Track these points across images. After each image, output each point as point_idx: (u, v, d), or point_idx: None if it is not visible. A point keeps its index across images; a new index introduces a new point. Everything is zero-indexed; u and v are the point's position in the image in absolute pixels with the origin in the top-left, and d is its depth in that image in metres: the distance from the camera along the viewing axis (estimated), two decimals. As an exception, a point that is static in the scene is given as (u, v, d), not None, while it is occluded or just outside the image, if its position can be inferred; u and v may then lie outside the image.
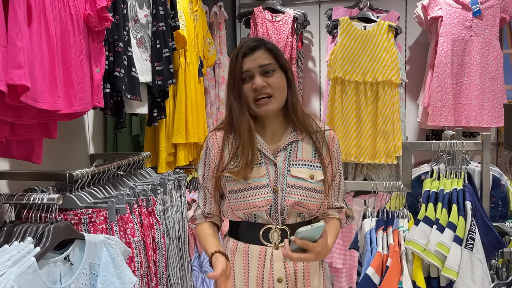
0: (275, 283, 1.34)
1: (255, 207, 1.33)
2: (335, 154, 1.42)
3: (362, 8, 3.02)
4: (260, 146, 1.37)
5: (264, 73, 1.31)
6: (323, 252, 1.23)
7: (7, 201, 1.32)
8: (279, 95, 1.33)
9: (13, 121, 1.24)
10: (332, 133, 1.43)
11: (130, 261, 1.54)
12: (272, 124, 1.39)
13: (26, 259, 1.10)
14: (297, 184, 1.34)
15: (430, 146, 1.86)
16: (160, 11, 2.07)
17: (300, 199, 1.33)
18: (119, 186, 1.79)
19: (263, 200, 1.33)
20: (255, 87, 1.30)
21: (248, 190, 1.33)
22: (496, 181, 2.14)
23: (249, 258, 1.37)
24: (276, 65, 1.33)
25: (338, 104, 2.88)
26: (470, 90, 2.81)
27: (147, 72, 2.04)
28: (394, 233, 1.69)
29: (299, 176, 1.34)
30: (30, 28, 1.19)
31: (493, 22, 2.80)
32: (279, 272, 1.34)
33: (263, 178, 1.34)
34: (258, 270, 1.35)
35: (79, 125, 2.12)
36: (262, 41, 1.35)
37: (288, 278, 1.34)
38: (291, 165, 1.35)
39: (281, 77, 1.34)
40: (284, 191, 1.33)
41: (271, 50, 1.34)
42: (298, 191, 1.33)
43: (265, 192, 1.33)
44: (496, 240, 1.64)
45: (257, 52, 1.32)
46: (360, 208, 2.86)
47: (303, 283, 1.36)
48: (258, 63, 1.31)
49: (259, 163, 1.36)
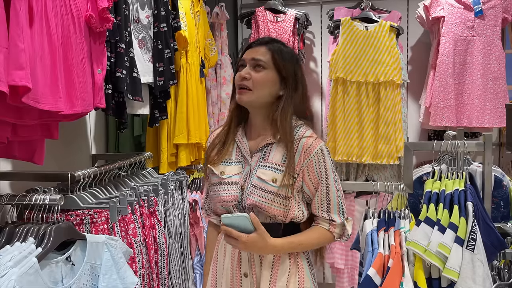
0: (242, 277, 1.40)
1: (224, 201, 1.40)
2: (314, 163, 1.35)
3: (363, 8, 3.02)
4: (240, 144, 1.43)
5: (254, 66, 1.36)
6: (252, 245, 1.28)
7: (9, 201, 1.32)
8: (258, 91, 1.35)
9: (15, 122, 1.24)
10: (310, 141, 1.36)
11: (132, 262, 1.54)
12: (258, 125, 1.43)
13: (27, 260, 1.10)
14: (259, 185, 1.35)
15: (431, 146, 1.85)
16: (161, 12, 2.07)
17: (259, 201, 1.34)
18: (120, 187, 1.80)
19: (230, 195, 1.39)
20: (238, 75, 1.37)
21: (221, 185, 1.41)
22: (498, 181, 2.13)
23: (225, 251, 1.44)
24: (270, 65, 1.36)
25: (339, 104, 2.87)
26: (472, 91, 2.81)
27: (148, 73, 2.05)
28: (395, 234, 1.68)
29: (262, 177, 1.35)
30: (31, 29, 1.19)
31: (495, 22, 2.79)
32: (245, 267, 1.39)
33: (236, 176, 1.40)
34: (231, 263, 1.41)
35: (81, 126, 2.13)
36: (271, 41, 1.40)
37: (253, 274, 1.38)
38: (260, 166, 1.38)
39: (269, 76, 1.36)
40: (248, 190, 1.37)
41: (273, 50, 1.37)
42: (259, 192, 1.35)
43: (234, 188, 1.39)
44: (498, 241, 1.64)
45: (260, 47, 1.38)
46: (361, 209, 2.86)
47: (269, 279, 1.37)
48: (252, 55, 1.37)
49: (238, 162, 1.42)
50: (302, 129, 1.40)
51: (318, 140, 1.38)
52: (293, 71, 1.40)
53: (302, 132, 1.39)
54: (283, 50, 1.39)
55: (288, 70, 1.38)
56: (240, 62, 1.40)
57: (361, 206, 2.92)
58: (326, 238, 1.41)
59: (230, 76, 3.10)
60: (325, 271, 3.46)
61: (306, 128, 1.40)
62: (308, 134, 1.38)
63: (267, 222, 1.37)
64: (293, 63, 1.40)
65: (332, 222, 1.40)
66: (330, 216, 1.39)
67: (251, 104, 1.38)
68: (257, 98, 1.36)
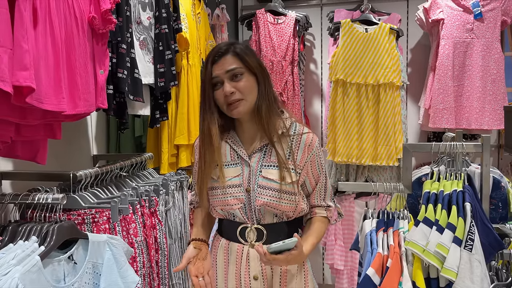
0: (251, 280, 1.40)
1: (228, 205, 1.40)
2: (316, 157, 1.44)
3: (363, 10, 3.04)
4: (236, 147, 1.43)
5: (232, 77, 1.34)
6: (295, 260, 1.29)
7: (11, 201, 1.34)
8: (249, 97, 1.36)
9: (18, 122, 1.26)
10: (311, 136, 1.43)
11: (133, 261, 1.56)
12: (249, 126, 1.43)
13: (30, 258, 1.11)
14: (267, 185, 1.37)
15: (430, 148, 1.87)
16: (163, 14, 2.09)
17: (270, 200, 1.36)
18: (122, 187, 1.81)
19: (235, 198, 1.39)
20: (224, 93, 1.34)
21: (222, 189, 1.41)
22: (497, 183, 2.15)
23: (229, 255, 1.44)
24: (243, 68, 1.35)
25: (339, 106, 2.89)
26: (471, 93, 2.82)
27: (149, 74, 2.06)
28: (394, 234, 1.70)
29: (269, 177, 1.37)
30: (35, 31, 1.20)
31: (494, 24, 2.81)
32: (255, 270, 1.39)
33: (236, 178, 1.40)
34: (236, 267, 1.41)
35: (83, 126, 2.14)
36: (231, 46, 1.37)
37: (264, 277, 1.39)
38: (263, 166, 1.39)
39: (250, 79, 1.36)
40: (255, 191, 1.38)
41: (238, 54, 1.36)
42: (268, 192, 1.36)
43: (238, 191, 1.39)
44: (496, 241, 1.65)
45: (224, 57, 1.35)
46: (361, 210, 2.88)
47: (279, 282, 1.39)
48: (225, 68, 1.34)
49: (235, 164, 1.42)
50: (299, 125, 1.45)
51: (314, 134, 1.46)
52: (258, 64, 1.39)
53: (300, 128, 1.44)
54: (242, 48, 1.38)
55: (256, 66, 1.38)
56: (214, 81, 1.36)
57: (361, 207, 2.93)
58: (326, 225, 1.49)
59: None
60: (325, 272, 3.47)
61: (301, 124, 1.46)
62: (306, 130, 1.44)
63: (274, 222, 1.39)
64: (254, 56, 1.39)
65: (328, 207, 1.49)
66: (326, 202, 1.50)
67: (248, 111, 1.38)
68: (251, 104, 1.38)
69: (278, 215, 1.40)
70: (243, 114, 1.38)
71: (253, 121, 1.41)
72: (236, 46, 1.37)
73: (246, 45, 1.42)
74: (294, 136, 1.41)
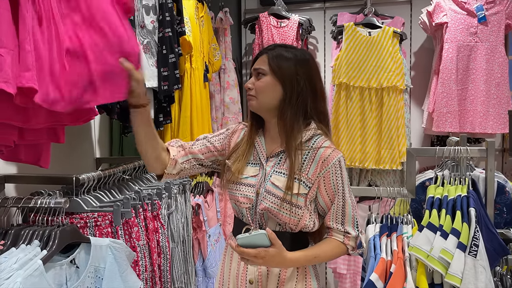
0: (247, 284, 1.40)
1: (238, 201, 1.41)
2: (331, 175, 1.36)
3: (367, 14, 3.03)
4: (258, 147, 1.44)
5: (257, 75, 1.41)
6: (272, 260, 1.25)
7: (14, 204, 1.33)
8: (261, 97, 1.39)
9: (22, 125, 1.25)
10: (329, 151, 1.35)
11: (135, 265, 1.55)
12: (271, 129, 1.44)
13: (32, 262, 1.11)
14: (273, 191, 1.35)
15: (434, 152, 1.86)
16: (166, 17, 2.09)
17: (270, 206, 1.35)
18: (124, 190, 1.81)
19: (245, 197, 1.39)
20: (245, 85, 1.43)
21: (237, 184, 1.42)
22: (501, 187, 2.14)
23: (231, 256, 1.46)
24: (268, 71, 1.38)
25: (342, 109, 2.88)
26: (475, 96, 2.81)
27: (153, 78, 2.06)
28: (398, 239, 1.69)
29: (276, 184, 1.36)
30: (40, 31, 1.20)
31: (498, 28, 2.80)
32: (251, 274, 1.39)
33: (252, 178, 1.41)
34: (237, 269, 1.42)
35: (86, 130, 2.14)
36: (274, 47, 1.43)
37: (260, 281, 1.38)
38: (275, 172, 1.38)
39: (270, 82, 1.37)
40: (261, 195, 1.37)
41: (271, 57, 1.39)
42: (271, 198, 1.35)
43: (249, 191, 1.39)
44: (500, 246, 1.64)
45: (262, 56, 1.42)
46: (364, 214, 2.86)
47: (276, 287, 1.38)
48: (255, 65, 1.42)
49: (256, 163, 1.43)
50: (320, 139, 1.39)
51: (336, 151, 1.37)
52: (294, 72, 1.37)
53: (320, 142, 1.38)
54: (281, 54, 1.38)
55: (285, 72, 1.37)
56: (252, 72, 1.45)
57: (364, 211, 2.92)
58: (340, 251, 1.40)
59: (233, 81, 3.12)
60: (328, 276, 3.45)
61: (324, 138, 1.40)
62: (327, 144, 1.37)
63: (276, 230, 1.37)
64: (294, 64, 1.38)
65: (347, 234, 1.39)
66: (345, 228, 1.39)
67: (258, 110, 1.42)
68: (261, 104, 1.39)
69: (281, 224, 1.38)
70: (253, 110, 1.43)
71: (277, 125, 1.41)
72: (276, 50, 1.40)
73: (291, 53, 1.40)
74: (311, 149, 1.37)
